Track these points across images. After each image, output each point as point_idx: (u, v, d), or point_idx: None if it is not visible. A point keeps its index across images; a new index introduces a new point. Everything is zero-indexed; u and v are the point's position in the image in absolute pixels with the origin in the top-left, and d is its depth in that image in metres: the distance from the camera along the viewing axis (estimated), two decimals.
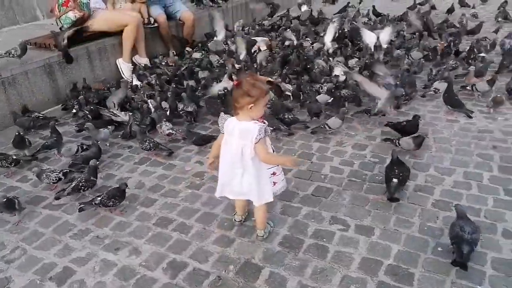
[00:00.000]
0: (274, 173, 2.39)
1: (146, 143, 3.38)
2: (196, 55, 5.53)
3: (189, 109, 3.91)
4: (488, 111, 3.81)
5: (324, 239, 2.41)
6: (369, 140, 3.51)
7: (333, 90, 4.06)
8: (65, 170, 3.07)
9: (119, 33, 4.97)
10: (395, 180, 2.67)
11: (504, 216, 2.50)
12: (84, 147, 3.42)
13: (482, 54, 4.91)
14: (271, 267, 2.24)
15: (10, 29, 5.73)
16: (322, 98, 3.99)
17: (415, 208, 2.63)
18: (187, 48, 5.77)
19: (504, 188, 2.75)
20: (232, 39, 5.66)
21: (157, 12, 5.56)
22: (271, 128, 2.31)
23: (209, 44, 5.71)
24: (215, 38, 5.77)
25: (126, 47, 4.99)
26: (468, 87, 4.17)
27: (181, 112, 3.96)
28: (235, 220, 2.61)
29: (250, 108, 2.10)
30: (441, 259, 2.22)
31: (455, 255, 2.15)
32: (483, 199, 2.67)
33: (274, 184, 2.40)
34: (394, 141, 3.24)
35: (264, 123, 2.20)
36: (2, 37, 5.40)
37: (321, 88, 4.16)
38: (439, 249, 2.29)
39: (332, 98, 3.94)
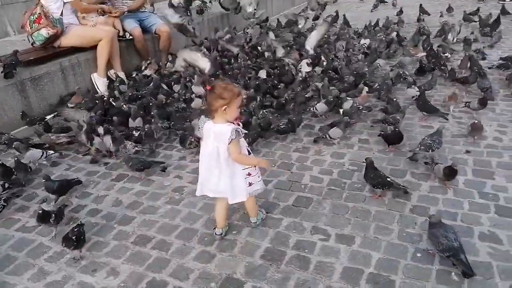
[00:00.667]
0: (249, 174, 2.41)
1: (139, 165, 3.24)
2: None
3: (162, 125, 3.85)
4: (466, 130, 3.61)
5: (306, 250, 2.41)
6: (347, 148, 3.54)
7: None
8: (5, 198, 2.93)
9: (93, 47, 4.90)
10: (389, 179, 2.79)
11: (480, 220, 2.55)
12: (6, 186, 3.08)
13: (447, 55, 5.09)
14: (253, 281, 2.22)
15: None
16: (321, 107, 4.00)
17: (394, 214, 2.66)
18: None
19: (479, 191, 2.82)
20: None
21: (132, 26, 5.51)
22: (245, 131, 2.43)
23: None
24: None
25: (101, 61, 4.91)
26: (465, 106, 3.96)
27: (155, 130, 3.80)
28: (215, 233, 2.57)
29: (224, 110, 2.23)
30: (421, 264, 2.25)
31: (460, 267, 2.12)
32: (459, 203, 2.72)
33: (250, 185, 2.43)
34: (430, 164, 3.03)
35: (239, 125, 2.32)
36: None
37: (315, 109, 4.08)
38: (418, 254, 2.31)
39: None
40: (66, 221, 2.81)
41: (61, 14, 4.70)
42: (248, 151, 2.46)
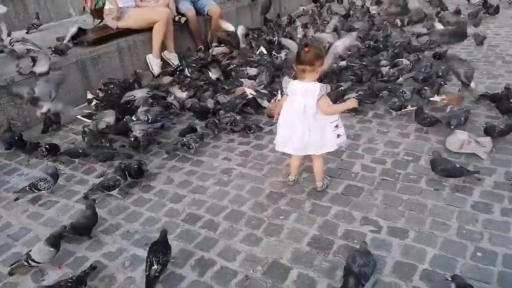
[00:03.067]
0: (336, 126, 2.59)
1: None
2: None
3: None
4: None
5: (355, 241, 2.33)
6: (402, 137, 3.37)
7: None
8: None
9: (149, 29, 5.02)
10: None
11: None
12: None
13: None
14: (300, 268, 2.19)
15: (45, 26, 5.91)
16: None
17: (453, 210, 2.50)
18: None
19: None
20: None
21: (186, 7, 5.57)
22: (329, 86, 2.56)
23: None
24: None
25: (156, 43, 5.02)
26: None
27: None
28: (289, 180, 2.86)
29: (319, 68, 2.43)
30: (481, 264, 2.10)
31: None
32: None
33: (338, 137, 2.61)
34: None
35: (323, 82, 2.54)
36: (38, 34, 5.58)
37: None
38: (479, 254, 2.17)
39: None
40: (123, 193, 2.94)
41: None
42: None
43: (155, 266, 2.10)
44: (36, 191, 2.86)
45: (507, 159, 2.90)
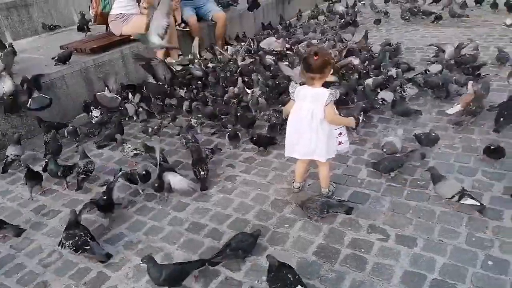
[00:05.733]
0: (340, 133, 2.63)
1: None
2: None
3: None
4: None
5: (362, 250, 2.29)
6: (409, 142, 3.31)
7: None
8: None
9: None
10: None
11: None
12: None
13: None
14: (306, 278, 2.14)
15: (49, 34, 5.94)
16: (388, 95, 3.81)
17: (462, 216, 2.44)
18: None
19: None
20: None
21: (188, 14, 5.57)
22: (338, 92, 2.51)
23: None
24: None
25: (159, 50, 5.01)
26: None
27: None
28: (294, 187, 2.85)
29: (326, 75, 2.41)
30: (492, 274, 2.05)
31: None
32: None
33: (339, 144, 2.64)
34: None
35: (332, 88, 2.52)
36: (42, 42, 5.61)
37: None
38: (490, 262, 2.11)
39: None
40: (126, 203, 2.92)
41: None
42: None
43: (202, 172, 2.97)
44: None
45: None
